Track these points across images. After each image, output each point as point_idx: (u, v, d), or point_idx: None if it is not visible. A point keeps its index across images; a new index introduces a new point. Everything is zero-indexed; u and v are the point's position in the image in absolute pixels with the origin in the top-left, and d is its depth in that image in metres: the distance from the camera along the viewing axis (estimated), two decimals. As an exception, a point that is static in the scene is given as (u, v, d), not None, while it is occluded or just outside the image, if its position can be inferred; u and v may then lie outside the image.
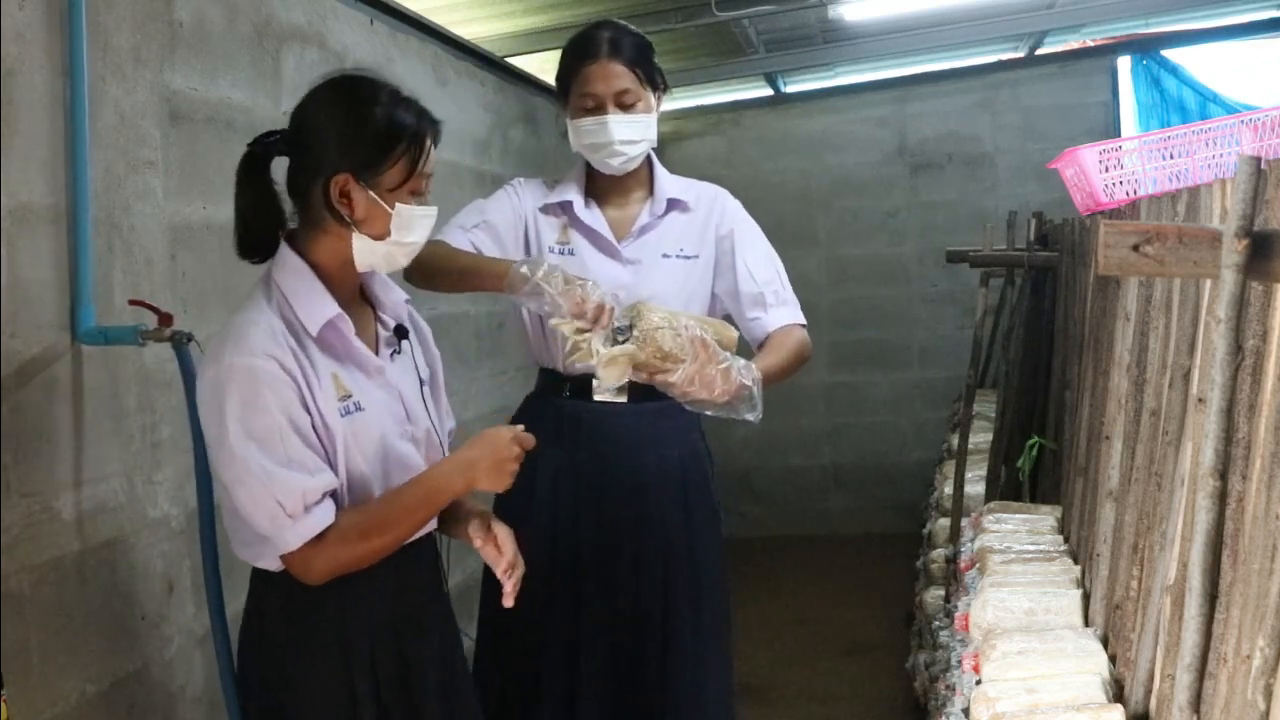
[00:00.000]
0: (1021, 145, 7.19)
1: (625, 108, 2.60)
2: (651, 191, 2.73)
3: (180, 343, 2.31)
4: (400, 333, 2.14)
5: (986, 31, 6.41)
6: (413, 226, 2.01)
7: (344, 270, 2.04)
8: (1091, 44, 7.31)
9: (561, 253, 2.66)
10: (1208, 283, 1.90)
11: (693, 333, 2.34)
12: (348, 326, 2.03)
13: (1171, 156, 2.85)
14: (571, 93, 2.64)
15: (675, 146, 7.43)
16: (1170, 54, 7.26)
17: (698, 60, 6.35)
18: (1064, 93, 7.21)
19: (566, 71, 2.66)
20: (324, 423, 1.97)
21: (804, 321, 2.73)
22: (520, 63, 5.22)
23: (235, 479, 1.93)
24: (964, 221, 6.84)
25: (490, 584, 2.66)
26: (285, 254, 2.03)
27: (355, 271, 2.06)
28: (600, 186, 2.72)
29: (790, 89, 7.41)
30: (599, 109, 2.60)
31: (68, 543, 2.25)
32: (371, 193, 1.97)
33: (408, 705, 2.10)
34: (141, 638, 2.47)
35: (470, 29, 4.68)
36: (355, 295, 2.11)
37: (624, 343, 2.32)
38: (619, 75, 2.60)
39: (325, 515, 1.95)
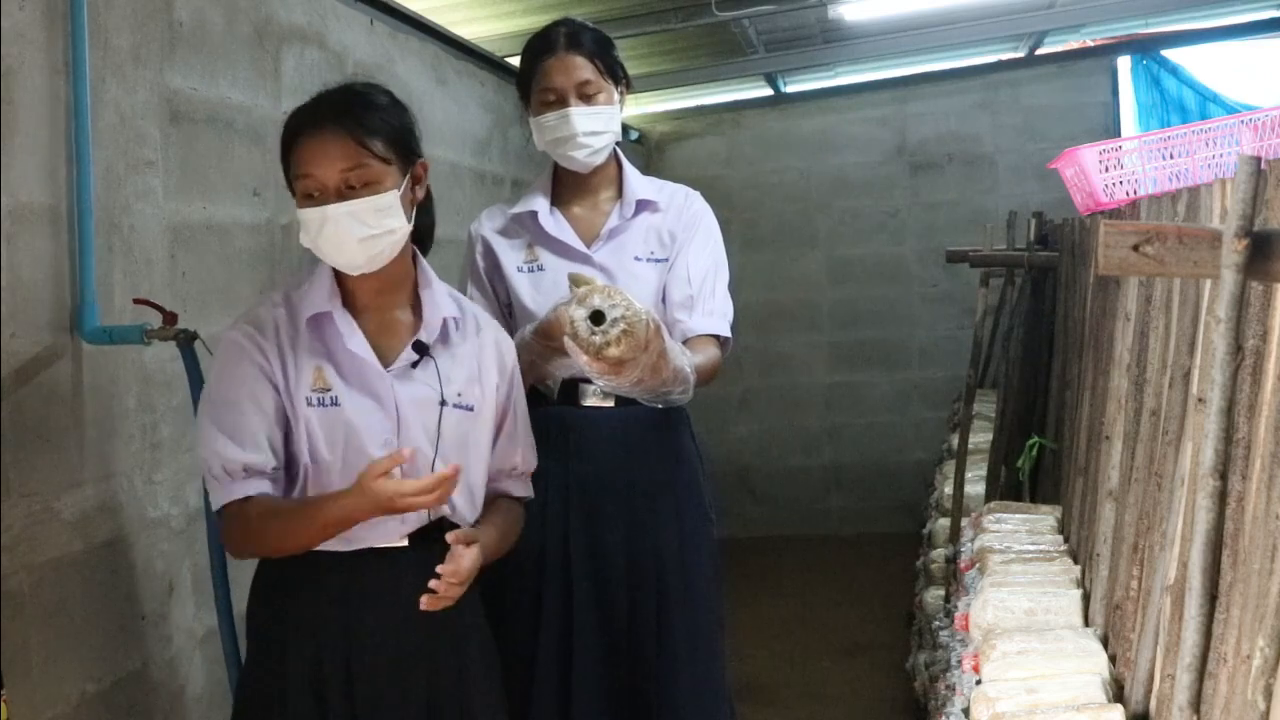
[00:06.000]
0: (1021, 145, 7.19)
1: (587, 99, 2.56)
2: (621, 193, 2.67)
3: (184, 342, 2.31)
4: (418, 348, 2.14)
5: (986, 31, 6.41)
6: (306, 228, 2.07)
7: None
8: (1091, 44, 7.31)
9: (531, 270, 2.61)
10: (1208, 283, 1.90)
11: (653, 316, 2.21)
12: (346, 326, 2.10)
13: (1171, 156, 2.85)
14: (533, 90, 2.60)
15: (675, 146, 7.44)
16: (1170, 54, 7.26)
17: (698, 60, 6.35)
18: (1064, 93, 7.22)
19: (526, 70, 2.62)
20: (292, 407, 2.06)
21: (727, 334, 2.64)
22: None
23: (197, 433, 2.11)
24: (964, 221, 6.84)
25: (487, 588, 2.66)
26: None
27: (359, 274, 2.11)
28: (568, 189, 2.68)
29: (790, 89, 7.41)
30: (560, 102, 2.56)
31: (68, 543, 2.25)
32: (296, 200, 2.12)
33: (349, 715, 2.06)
34: (141, 638, 2.47)
35: (470, 29, 4.68)
36: (386, 300, 2.16)
37: (610, 331, 2.14)
38: (579, 66, 2.56)
39: (243, 488, 2.04)
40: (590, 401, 2.60)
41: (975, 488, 4.44)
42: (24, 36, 2.16)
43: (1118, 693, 2.18)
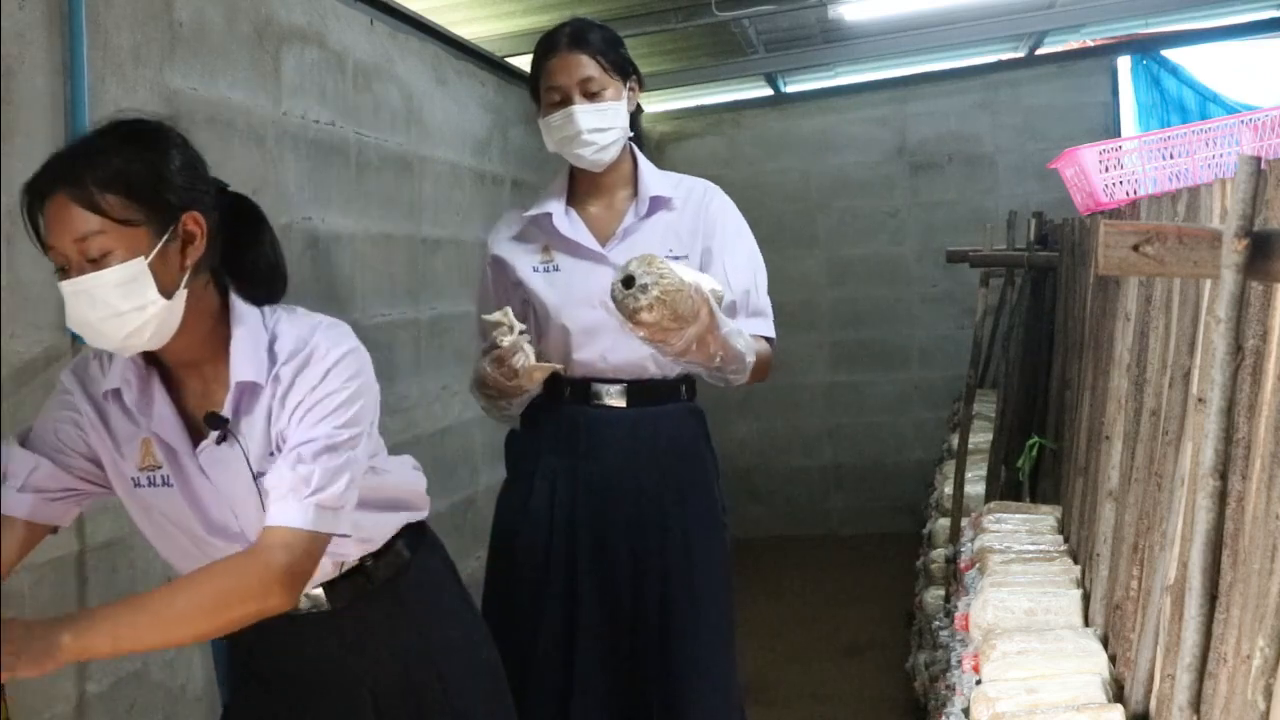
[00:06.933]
0: (1021, 145, 7.19)
1: (591, 96, 2.56)
2: (637, 191, 2.66)
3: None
4: (212, 422, 1.79)
5: (986, 31, 6.42)
6: (67, 304, 1.72)
7: None
8: (1091, 44, 7.31)
9: (546, 270, 2.61)
10: (1208, 283, 1.90)
11: (703, 293, 2.29)
12: (144, 406, 1.81)
13: (1171, 156, 2.85)
14: (540, 91, 2.62)
15: (675, 146, 7.43)
16: (1170, 54, 7.26)
17: (698, 60, 6.35)
18: (1064, 93, 7.22)
19: (534, 72, 2.64)
20: (120, 477, 1.83)
21: (772, 335, 2.67)
22: (520, 63, 5.22)
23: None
24: (964, 221, 6.84)
25: (491, 587, 2.66)
26: None
27: (168, 342, 1.77)
28: (583, 189, 2.67)
29: (790, 89, 7.41)
30: (565, 101, 2.56)
31: (68, 543, 2.25)
32: None
33: None
34: (141, 638, 2.47)
35: (470, 29, 4.68)
36: (196, 371, 1.84)
37: (640, 297, 2.20)
38: (582, 64, 2.56)
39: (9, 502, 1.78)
40: (604, 402, 2.60)
41: (975, 488, 4.44)
42: (24, 36, 2.17)
43: (1118, 693, 2.18)
